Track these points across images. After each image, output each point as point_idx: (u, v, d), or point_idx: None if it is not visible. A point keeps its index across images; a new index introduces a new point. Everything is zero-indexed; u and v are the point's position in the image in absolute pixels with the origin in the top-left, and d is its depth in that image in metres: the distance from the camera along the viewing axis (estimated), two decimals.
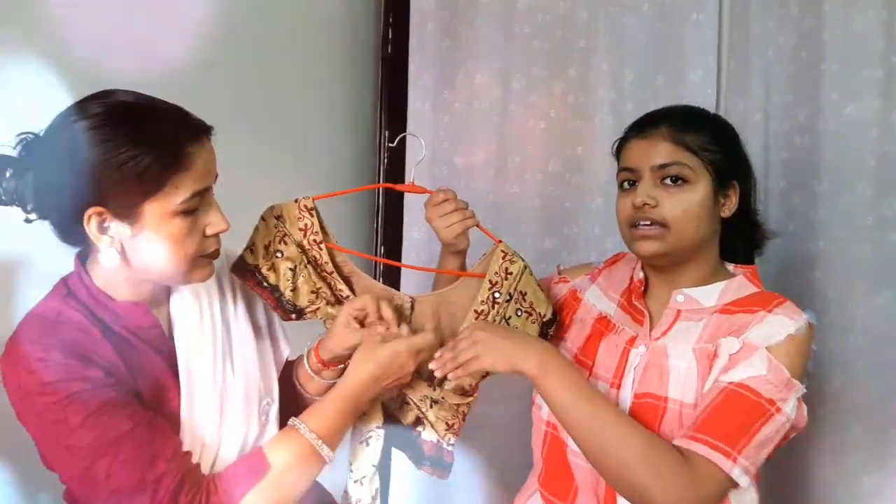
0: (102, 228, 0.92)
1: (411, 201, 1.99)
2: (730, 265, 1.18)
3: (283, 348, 1.19)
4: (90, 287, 0.97)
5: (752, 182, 1.19)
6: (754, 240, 1.22)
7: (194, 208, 0.95)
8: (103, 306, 0.97)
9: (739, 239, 1.20)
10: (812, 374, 1.07)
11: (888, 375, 1.57)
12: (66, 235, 0.95)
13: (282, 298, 1.13)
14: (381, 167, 2.05)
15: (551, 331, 1.21)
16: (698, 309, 1.12)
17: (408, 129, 2.02)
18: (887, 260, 1.56)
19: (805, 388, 1.04)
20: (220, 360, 1.05)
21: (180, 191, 0.92)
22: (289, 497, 1.00)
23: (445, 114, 2.02)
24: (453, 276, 1.26)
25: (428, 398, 1.17)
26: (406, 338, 1.09)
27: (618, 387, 1.13)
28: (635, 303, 1.19)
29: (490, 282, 1.19)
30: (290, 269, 1.14)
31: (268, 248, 1.14)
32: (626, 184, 1.16)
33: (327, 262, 1.17)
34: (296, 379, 1.19)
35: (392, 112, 2.06)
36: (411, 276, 1.90)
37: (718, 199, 1.12)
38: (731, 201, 1.14)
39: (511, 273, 1.19)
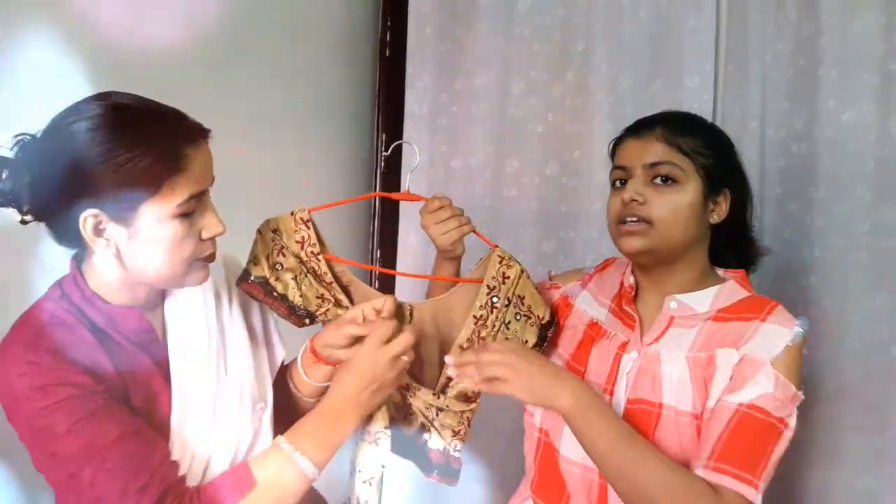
0: (98, 231, 0.91)
1: (407, 205, 1.98)
2: (719, 270, 1.19)
3: (279, 352, 1.19)
4: (84, 289, 0.97)
5: (746, 195, 1.19)
6: (748, 255, 1.22)
7: (191, 211, 0.94)
8: (97, 309, 0.97)
9: (732, 254, 1.20)
10: (806, 379, 1.07)
11: (883, 381, 1.57)
12: (62, 237, 0.95)
13: (293, 305, 1.14)
14: (379, 169, 2.05)
15: (550, 333, 1.21)
16: (691, 315, 1.12)
17: (405, 132, 2.03)
18: (883, 266, 1.57)
19: (802, 394, 1.04)
20: (213, 365, 1.05)
21: (177, 193, 0.92)
22: None
23: (443, 117, 2.02)
24: (450, 282, 1.26)
25: (433, 406, 1.17)
26: (381, 345, 1.04)
27: (610, 392, 1.13)
28: (626, 308, 1.19)
29: (488, 287, 1.19)
30: (293, 279, 1.14)
31: (268, 259, 1.15)
32: (618, 182, 1.17)
33: (326, 272, 1.17)
34: (290, 379, 1.19)
35: (390, 115, 2.06)
36: (407, 282, 1.89)
37: (708, 203, 1.13)
38: (722, 208, 1.14)
39: (508, 277, 1.19)
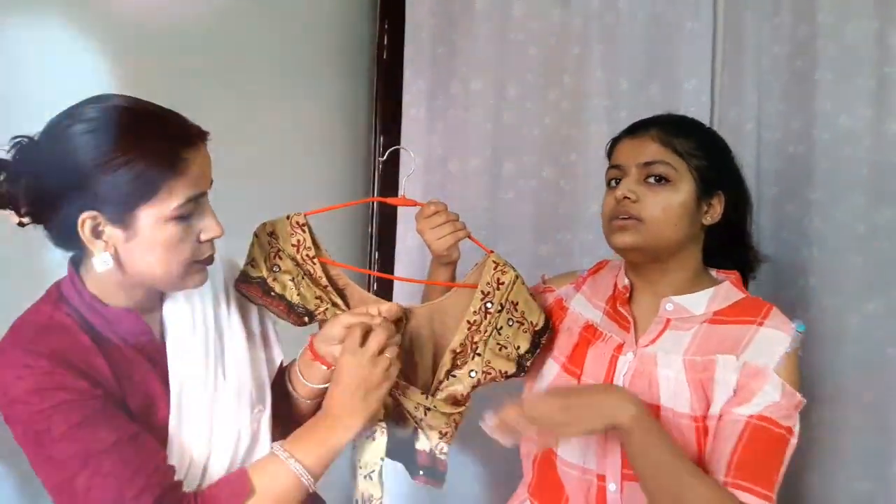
0: (96, 233, 0.91)
1: (405, 208, 1.99)
2: (712, 270, 1.19)
3: (277, 355, 1.19)
4: (82, 292, 0.96)
5: (743, 200, 1.20)
6: (746, 261, 1.23)
7: (189, 214, 0.94)
8: (95, 311, 0.96)
9: (728, 258, 1.20)
10: (804, 381, 1.08)
11: (880, 383, 1.58)
12: (60, 240, 0.95)
13: (291, 304, 1.14)
14: (376, 173, 2.05)
15: (543, 339, 1.21)
16: (688, 318, 1.13)
17: (402, 136, 2.03)
18: (880, 268, 1.57)
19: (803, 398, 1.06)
20: (211, 367, 1.04)
21: (175, 196, 0.92)
22: None
23: (440, 120, 2.02)
24: (445, 286, 1.26)
25: (422, 406, 1.17)
26: (358, 349, 1.04)
27: None
28: (620, 309, 1.19)
29: (482, 292, 1.19)
30: (291, 280, 1.15)
31: (266, 262, 1.15)
32: (613, 181, 1.18)
33: (321, 276, 1.18)
34: (288, 382, 1.19)
35: (387, 119, 2.06)
36: (405, 284, 1.90)
37: (701, 205, 1.13)
38: (715, 210, 1.15)
39: (503, 283, 1.19)
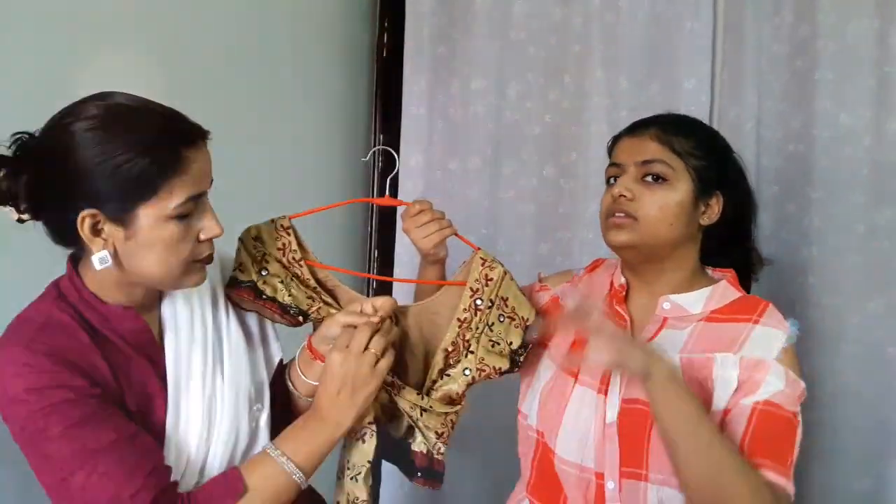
0: (96, 231, 0.91)
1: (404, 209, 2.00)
2: (708, 269, 1.19)
3: (275, 353, 1.19)
4: (81, 290, 0.96)
5: (745, 201, 1.19)
6: (746, 262, 1.22)
7: (189, 213, 0.94)
8: (93, 309, 0.96)
9: (727, 259, 1.20)
10: (804, 380, 1.08)
11: (879, 382, 1.58)
12: (60, 237, 0.95)
13: (284, 305, 1.13)
14: (376, 171, 2.05)
15: (535, 335, 1.21)
16: (685, 316, 1.13)
17: (402, 135, 2.03)
18: (879, 268, 1.58)
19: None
20: (209, 366, 1.04)
21: (175, 195, 0.91)
22: None
23: (440, 119, 2.02)
24: (435, 286, 1.26)
25: (417, 406, 1.17)
26: (343, 348, 1.04)
27: (605, 393, 1.13)
28: (616, 307, 1.19)
29: (471, 289, 1.19)
30: (281, 283, 1.14)
31: (254, 266, 1.15)
32: (612, 179, 1.17)
33: (308, 278, 1.17)
34: (288, 379, 1.19)
35: (387, 117, 2.06)
36: (402, 284, 1.91)
37: (699, 205, 1.13)
38: (713, 210, 1.14)
39: (491, 279, 1.19)
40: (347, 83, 2.07)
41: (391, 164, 1.99)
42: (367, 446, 1.15)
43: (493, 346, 1.18)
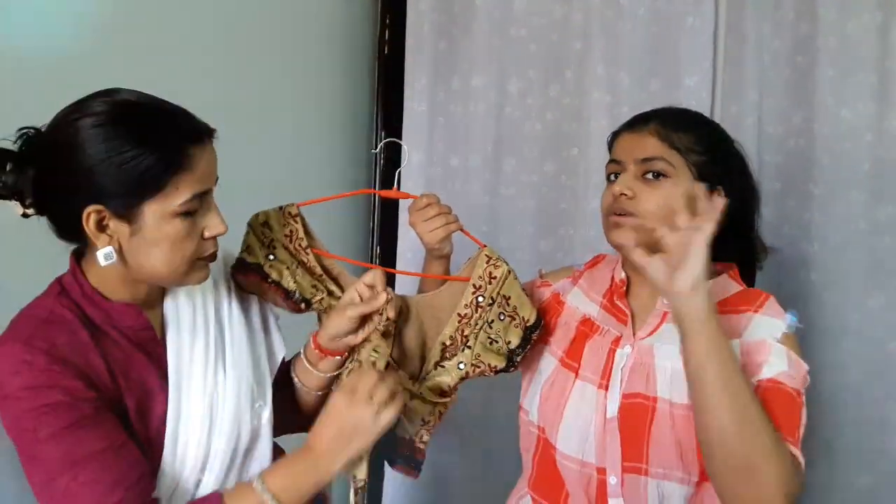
0: (101, 227, 0.91)
1: (407, 201, 2.00)
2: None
3: (279, 350, 1.19)
4: (84, 285, 0.96)
5: (747, 194, 1.18)
6: (749, 253, 1.22)
7: (194, 210, 0.94)
8: (96, 305, 0.96)
9: (730, 250, 1.20)
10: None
11: (880, 378, 1.58)
12: (64, 232, 0.95)
13: (288, 291, 1.14)
14: (378, 167, 2.05)
15: (535, 335, 1.21)
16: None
17: (404, 131, 2.03)
18: (880, 263, 1.58)
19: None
20: (211, 363, 1.04)
21: (180, 192, 0.91)
22: None
23: (441, 115, 2.03)
24: (439, 280, 1.26)
25: (408, 391, 1.18)
26: (366, 398, 0.99)
27: (606, 388, 1.13)
28: (617, 302, 1.19)
29: (474, 286, 1.19)
30: (287, 269, 1.15)
31: (261, 249, 1.15)
32: (612, 176, 1.17)
33: (315, 266, 1.18)
34: (294, 375, 1.19)
35: (388, 113, 2.06)
36: (406, 277, 1.90)
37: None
38: None
39: (495, 277, 1.20)
40: (349, 80, 2.07)
41: (394, 159, 1.99)
42: None
43: (490, 343, 1.19)
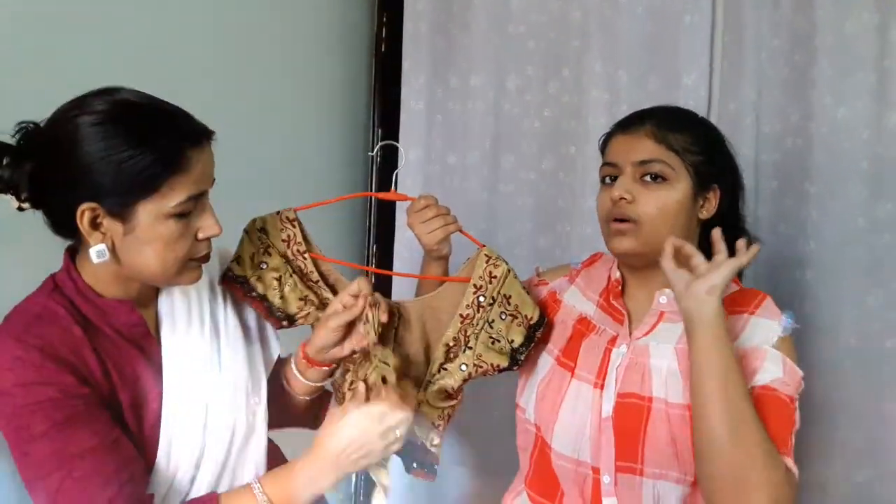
0: (95, 224, 0.91)
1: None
2: None
3: (274, 348, 1.19)
4: (77, 281, 0.96)
5: (738, 188, 1.19)
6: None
7: (188, 211, 0.94)
8: (89, 302, 0.96)
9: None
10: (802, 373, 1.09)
11: (878, 374, 1.58)
12: (59, 228, 0.95)
13: (272, 307, 1.14)
14: (375, 166, 2.05)
15: (538, 333, 1.21)
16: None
17: (401, 128, 2.03)
18: (878, 261, 1.58)
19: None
20: (207, 360, 1.04)
21: (175, 193, 0.92)
22: None
23: (439, 113, 2.02)
24: (438, 281, 1.26)
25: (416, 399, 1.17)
26: (380, 419, 1.00)
27: (601, 387, 1.13)
28: (613, 302, 1.19)
29: (475, 286, 1.19)
30: (276, 279, 1.14)
31: (252, 259, 1.15)
32: (607, 179, 1.16)
33: (312, 271, 1.18)
34: (283, 378, 1.19)
35: (386, 111, 2.06)
36: (402, 278, 1.90)
37: (697, 200, 1.12)
38: (711, 204, 1.13)
39: (495, 277, 1.19)
40: (346, 78, 2.07)
41: (391, 158, 1.99)
42: None
43: (492, 342, 1.19)
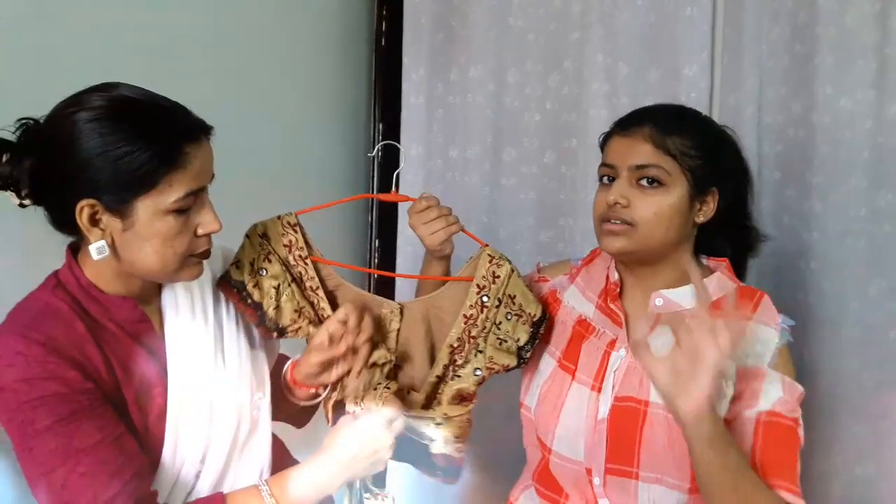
0: (94, 221, 0.91)
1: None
2: (703, 257, 1.18)
3: (276, 343, 1.19)
4: (80, 278, 0.97)
5: (744, 185, 1.18)
6: (746, 242, 1.21)
7: (187, 207, 0.94)
8: (92, 298, 0.97)
9: (726, 243, 1.19)
10: (805, 366, 1.08)
11: (880, 367, 1.57)
12: (60, 224, 0.95)
13: (264, 316, 1.13)
14: (376, 162, 2.05)
15: (542, 329, 1.21)
16: (679, 311, 1.11)
17: (402, 123, 2.03)
18: (881, 252, 1.57)
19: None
20: (210, 355, 1.05)
21: (174, 189, 0.92)
22: None
23: (440, 107, 2.02)
24: (440, 281, 1.26)
25: (430, 421, 1.17)
26: (389, 426, 1.02)
27: (598, 390, 1.13)
28: (611, 305, 1.18)
29: (478, 286, 1.19)
30: (274, 288, 1.14)
31: (252, 265, 1.14)
32: (605, 178, 1.15)
33: (313, 276, 1.17)
34: (283, 384, 1.19)
35: (386, 106, 2.06)
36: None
37: (694, 204, 1.11)
38: (709, 207, 1.12)
39: (498, 277, 1.19)
40: (346, 73, 2.07)
41: (392, 156, 1.98)
42: None
43: (500, 343, 1.18)
